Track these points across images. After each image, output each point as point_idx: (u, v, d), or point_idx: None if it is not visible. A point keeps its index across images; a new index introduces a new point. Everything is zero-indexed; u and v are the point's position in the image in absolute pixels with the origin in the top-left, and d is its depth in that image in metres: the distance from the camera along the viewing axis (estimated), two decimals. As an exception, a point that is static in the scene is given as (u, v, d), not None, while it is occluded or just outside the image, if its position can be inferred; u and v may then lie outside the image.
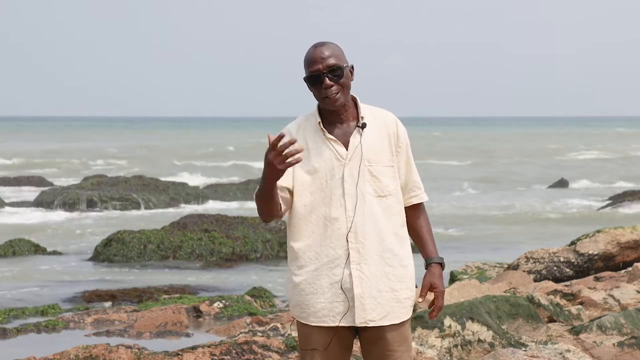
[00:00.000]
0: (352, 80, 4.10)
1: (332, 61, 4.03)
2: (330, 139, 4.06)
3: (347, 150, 4.06)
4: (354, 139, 4.07)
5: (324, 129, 4.08)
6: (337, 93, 4.03)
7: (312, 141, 4.08)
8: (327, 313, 4.05)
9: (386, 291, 4.06)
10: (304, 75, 4.08)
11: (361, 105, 4.14)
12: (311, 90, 4.10)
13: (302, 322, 4.11)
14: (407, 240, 4.17)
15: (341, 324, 4.04)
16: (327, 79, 4.02)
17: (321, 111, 4.12)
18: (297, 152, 3.79)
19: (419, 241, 4.23)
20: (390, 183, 4.09)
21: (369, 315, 4.04)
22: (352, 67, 4.11)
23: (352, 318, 4.03)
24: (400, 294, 4.09)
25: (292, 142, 3.77)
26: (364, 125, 4.08)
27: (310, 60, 4.05)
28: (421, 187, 4.22)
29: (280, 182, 3.99)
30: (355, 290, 4.02)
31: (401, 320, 4.10)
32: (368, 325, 4.05)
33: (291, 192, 4.09)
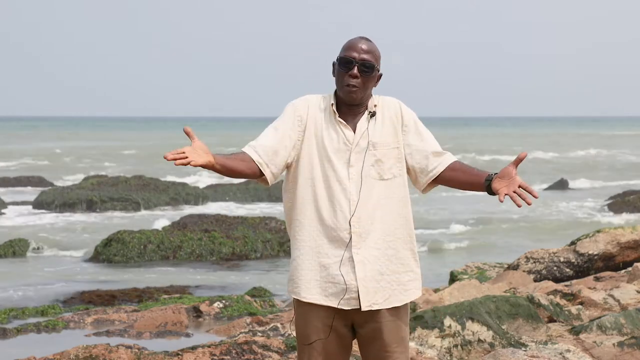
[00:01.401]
0: (375, 86, 4.14)
1: (368, 57, 4.07)
2: (340, 122, 4.10)
3: (354, 134, 4.09)
4: (361, 125, 4.10)
5: (335, 111, 4.11)
6: (357, 88, 4.06)
7: (321, 120, 4.12)
8: (320, 291, 4.05)
9: (388, 274, 4.07)
10: (336, 58, 4.11)
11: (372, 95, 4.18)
12: (335, 76, 4.13)
13: (294, 297, 4.12)
14: (411, 223, 4.16)
15: (341, 307, 4.03)
16: (356, 68, 4.05)
17: (337, 98, 4.15)
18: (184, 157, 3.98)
19: (468, 174, 4.08)
20: (395, 165, 4.11)
21: (372, 298, 4.04)
22: (381, 76, 4.15)
23: (357, 302, 4.03)
24: (402, 276, 4.11)
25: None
26: (373, 114, 4.11)
27: (350, 46, 4.10)
28: (441, 151, 4.14)
29: (275, 146, 4.13)
30: (359, 274, 4.02)
31: (403, 303, 4.11)
32: (372, 309, 4.04)
33: (286, 164, 4.11)
